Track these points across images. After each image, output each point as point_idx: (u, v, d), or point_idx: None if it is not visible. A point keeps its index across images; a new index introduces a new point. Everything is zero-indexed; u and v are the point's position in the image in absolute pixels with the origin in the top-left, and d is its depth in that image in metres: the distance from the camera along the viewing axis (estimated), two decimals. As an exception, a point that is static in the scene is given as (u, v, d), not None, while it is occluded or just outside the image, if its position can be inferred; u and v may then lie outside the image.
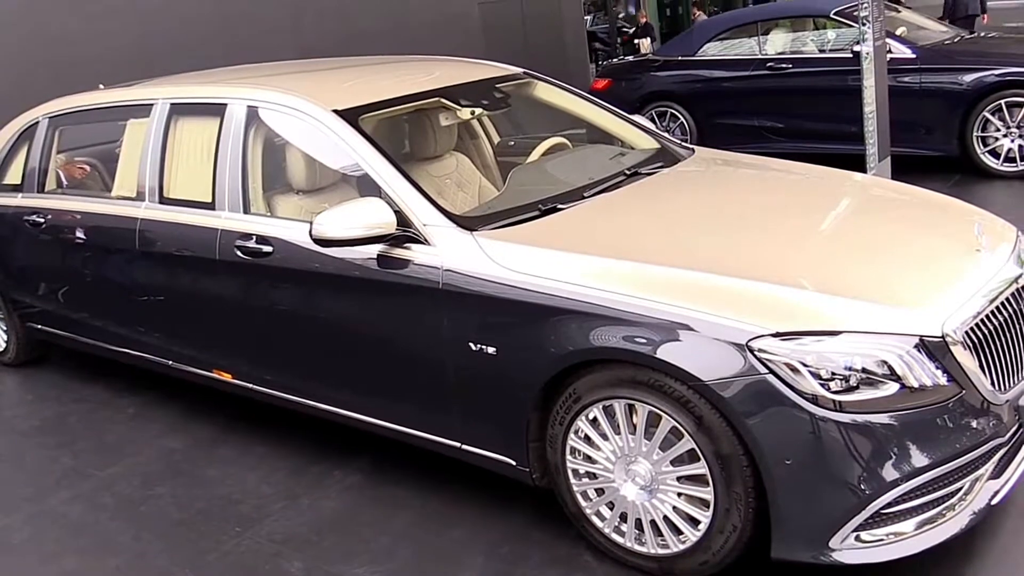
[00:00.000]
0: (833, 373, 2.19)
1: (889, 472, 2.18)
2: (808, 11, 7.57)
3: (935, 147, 6.61)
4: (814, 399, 2.18)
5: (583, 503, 2.64)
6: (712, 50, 7.83)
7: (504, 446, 2.78)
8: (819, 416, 2.17)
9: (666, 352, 2.31)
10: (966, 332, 2.29)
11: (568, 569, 2.66)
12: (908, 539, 2.27)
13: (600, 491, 2.60)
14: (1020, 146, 6.34)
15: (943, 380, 2.23)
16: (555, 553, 2.74)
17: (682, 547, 2.45)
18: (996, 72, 6.30)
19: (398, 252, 2.86)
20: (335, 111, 3.19)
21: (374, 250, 2.89)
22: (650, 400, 2.38)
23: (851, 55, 6.81)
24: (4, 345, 4.95)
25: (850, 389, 2.19)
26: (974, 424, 2.28)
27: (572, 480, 2.64)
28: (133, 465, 3.65)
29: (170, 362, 3.87)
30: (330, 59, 4.86)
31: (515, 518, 2.94)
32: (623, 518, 2.56)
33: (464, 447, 2.90)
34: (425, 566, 2.77)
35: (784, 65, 7.28)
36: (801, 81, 7.17)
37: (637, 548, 2.56)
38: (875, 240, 2.72)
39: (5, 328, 4.90)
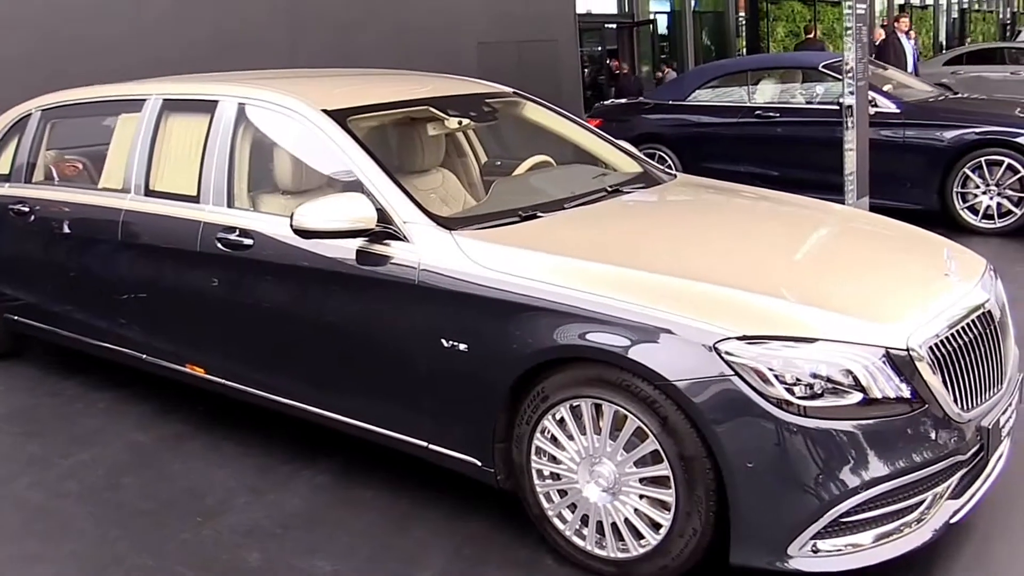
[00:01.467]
0: (798, 379, 2.22)
1: (849, 479, 2.21)
2: (797, 63, 7.76)
3: (916, 200, 6.72)
4: (779, 403, 2.21)
5: (546, 505, 2.65)
6: (702, 96, 7.98)
7: (470, 446, 2.79)
8: (783, 421, 2.20)
9: (635, 352, 2.34)
10: (931, 348, 2.34)
11: (529, 571, 2.66)
12: (865, 551, 2.29)
13: (563, 492, 2.60)
14: (999, 204, 6.47)
15: (906, 393, 2.27)
16: (516, 556, 2.74)
17: (642, 551, 2.46)
18: (977, 130, 6.45)
19: (377, 248, 2.89)
20: (324, 110, 3.24)
21: (353, 245, 2.93)
22: (617, 400, 2.40)
23: (838, 107, 6.98)
24: (-22, 337, 4.92)
25: (815, 396, 2.22)
26: (935, 439, 2.31)
27: (536, 481, 2.65)
28: (100, 456, 3.63)
29: (144, 356, 3.86)
30: (324, 69, 4.93)
31: (478, 521, 2.94)
32: (584, 521, 2.57)
33: (431, 447, 2.90)
34: (387, 564, 2.76)
35: (772, 114, 7.43)
36: (788, 130, 7.31)
37: (597, 552, 2.56)
38: (848, 260, 2.79)
39: (-19, 320, 4.88)
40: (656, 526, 2.42)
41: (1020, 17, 35.96)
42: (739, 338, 2.25)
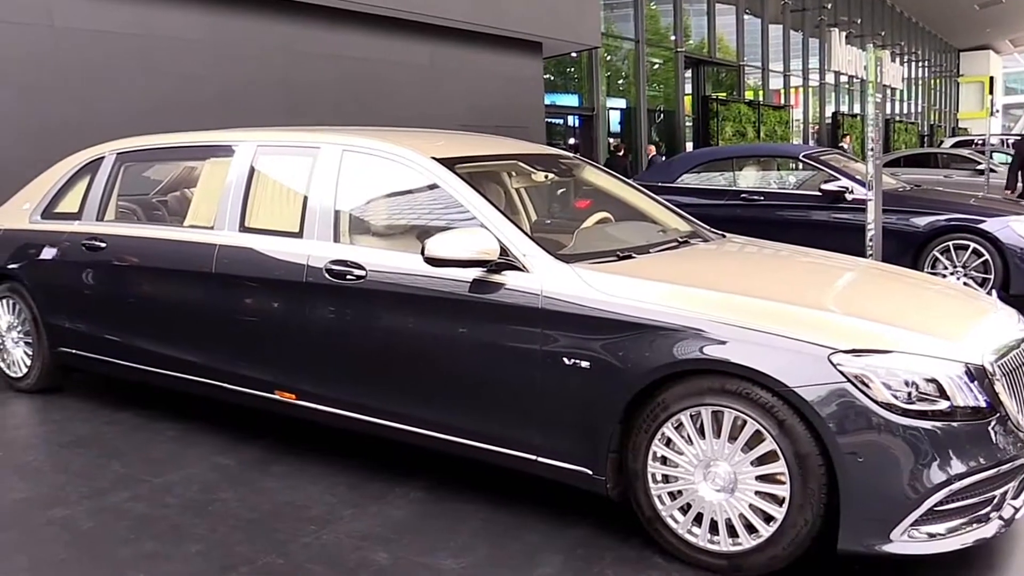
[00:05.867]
0: (898, 386, 2.62)
1: (942, 472, 2.59)
2: (780, 153, 8.47)
3: (889, 279, 7.32)
4: (884, 405, 2.60)
5: (659, 507, 2.95)
6: (689, 180, 8.60)
7: (583, 457, 3.08)
8: (888, 420, 2.59)
9: (759, 363, 2.71)
10: (998, 365, 2.78)
11: (640, 567, 2.93)
12: (946, 539, 2.66)
13: (676, 494, 2.91)
14: (964, 283, 7.12)
15: (983, 403, 2.69)
16: (626, 555, 3.01)
17: (754, 543, 2.78)
18: (944, 217, 7.16)
19: (495, 278, 3.22)
20: (434, 158, 3.61)
21: (469, 276, 3.25)
22: (737, 406, 2.76)
23: (819, 193, 7.65)
24: (26, 370, 5.01)
25: (911, 400, 2.62)
26: (1005, 442, 2.72)
27: (651, 484, 2.95)
28: (189, 476, 3.78)
29: (227, 384, 4.05)
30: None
31: (584, 527, 3.21)
32: (697, 519, 2.88)
33: (540, 459, 3.18)
34: (507, 561, 3.00)
35: (756, 197, 8.06)
36: (771, 213, 7.93)
37: (710, 547, 2.86)
38: (909, 296, 3.26)
39: (31, 353, 4.98)
40: (768, 519, 2.75)
41: (937, 129, 38.73)
42: (847, 351, 2.65)
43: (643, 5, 19.92)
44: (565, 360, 3.04)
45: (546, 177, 4.07)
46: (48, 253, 4.83)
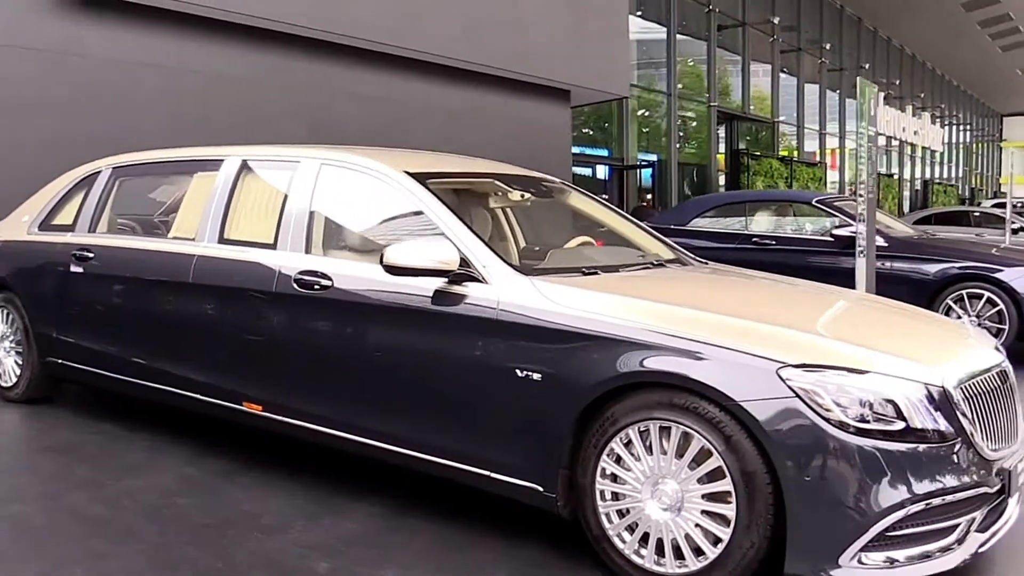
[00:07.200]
0: (850, 404, 2.52)
1: (894, 495, 2.47)
2: (792, 198, 8.38)
3: (901, 328, 7.16)
4: (834, 424, 2.50)
5: (607, 525, 2.85)
6: (701, 223, 8.53)
7: (534, 473, 3.00)
8: (838, 439, 2.49)
9: (706, 376, 2.63)
10: (962, 390, 2.66)
11: (586, 589, 2.83)
12: (902, 567, 2.52)
13: (624, 512, 2.82)
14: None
15: (943, 426, 2.57)
16: (575, 575, 2.91)
17: (700, 565, 2.66)
18: (958, 265, 7.00)
19: (455, 288, 3.19)
20: (407, 172, 3.61)
21: (431, 286, 3.22)
22: (684, 421, 2.67)
23: (831, 238, 7.55)
24: (15, 379, 5.06)
25: (865, 420, 2.51)
26: (966, 469, 2.59)
27: (599, 502, 2.86)
28: (152, 482, 3.76)
29: (197, 395, 4.04)
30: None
31: (534, 547, 3.12)
32: (644, 540, 2.77)
33: (493, 475, 3.10)
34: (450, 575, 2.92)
35: (768, 242, 7.97)
36: (783, 257, 7.81)
37: (656, 569, 2.75)
38: (882, 321, 3.16)
39: (20, 363, 5.03)
40: (716, 541, 2.64)
41: (978, 192, 38.22)
42: (797, 365, 2.56)
43: (675, 58, 20.06)
44: (518, 372, 2.98)
45: (523, 196, 4.05)
46: (39, 263, 4.91)
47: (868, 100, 5.28)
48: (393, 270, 3.20)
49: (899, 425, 2.52)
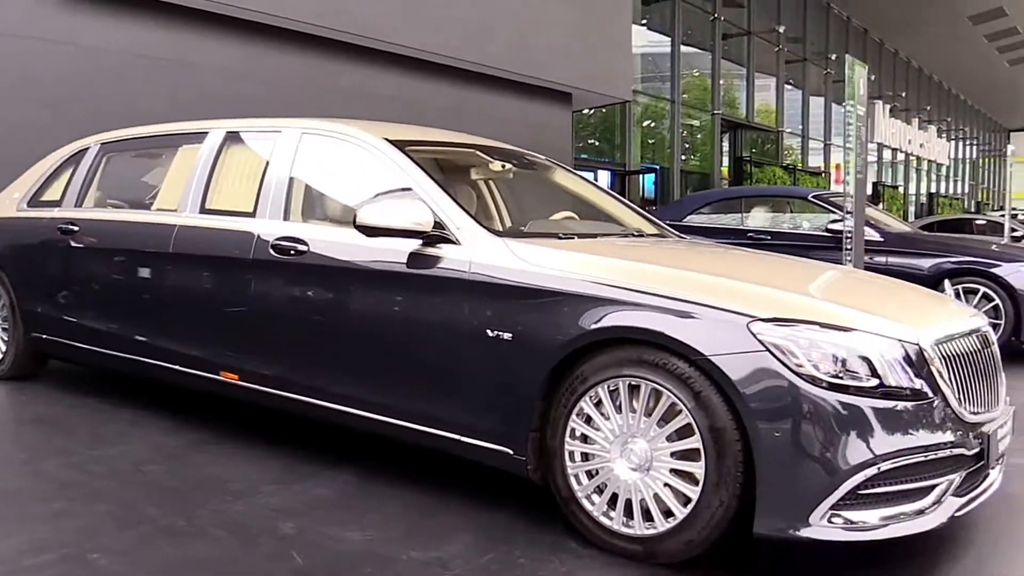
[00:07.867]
0: (822, 359, 2.46)
1: (865, 452, 2.41)
2: (789, 194, 8.33)
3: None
4: (805, 378, 2.44)
5: (576, 486, 2.80)
6: (697, 219, 8.49)
7: (504, 436, 2.95)
8: (809, 394, 2.43)
9: (675, 331, 2.58)
10: (938, 349, 2.61)
11: (553, 551, 2.77)
12: (875, 528, 2.45)
13: (593, 473, 2.77)
14: (974, 330, 6.86)
15: (917, 384, 2.51)
16: (541, 539, 2.85)
17: (670, 526, 2.61)
18: (953, 259, 6.94)
19: (430, 251, 3.16)
20: (387, 139, 3.58)
21: (406, 248, 3.18)
22: (653, 377, 2.62)
23: (827, 233, 7.50)
24: (2, 356, 5.03)
25: (837, 375, 2.46)
26: (942, 428, 2.53)
27: (568, 463, 2.81)
28: (126, 451, 3.73)
29: (176, 366, 4.01)
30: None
31: (502, 510, 3.07)
32: (612, 502, 2.72)
33: (463, 439, 3.06)
34: (417, 538, 2.86)
35: (764, 237, 7.92)
36: (779, 252, 7.75)
37: (624, 531, 2.70)
38: (859, 285, 3.11)
39: (6, 339, 5.01)
40: (685, 501, 2.58)
41: (984, 206, 38.11)
42: (768, 320, 2.51)
43: (679, 65, 20.06)
44: (488, 332, 2.94)
45: (503, 167, 4.02)
46: (26, 239, 4.90)
47: (856, 79, 5.23)
48: (366, 230, 3.16)
49: (872, 382, 2.47)
